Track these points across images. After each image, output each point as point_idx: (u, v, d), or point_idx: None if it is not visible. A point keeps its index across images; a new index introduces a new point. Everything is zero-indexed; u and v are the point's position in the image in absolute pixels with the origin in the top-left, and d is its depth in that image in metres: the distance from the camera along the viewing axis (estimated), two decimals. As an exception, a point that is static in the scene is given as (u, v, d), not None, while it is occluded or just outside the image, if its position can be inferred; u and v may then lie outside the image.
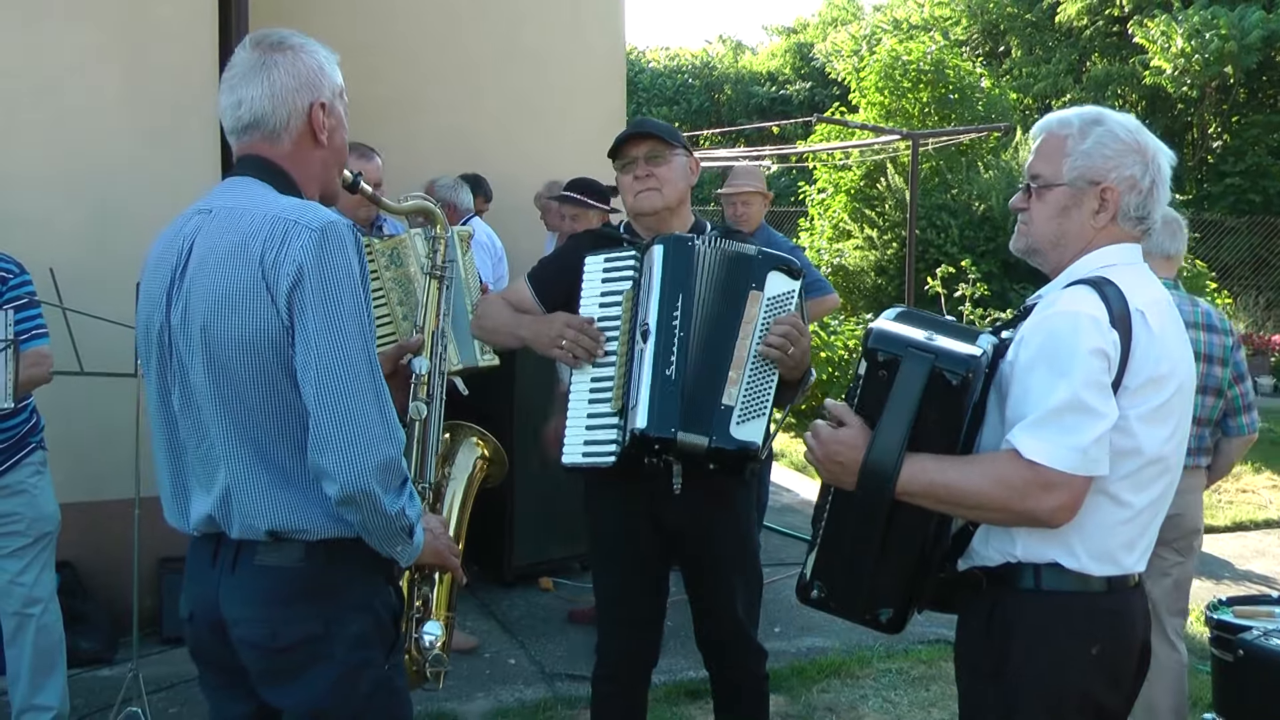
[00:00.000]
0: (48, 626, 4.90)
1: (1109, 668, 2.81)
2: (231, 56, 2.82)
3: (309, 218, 2.61)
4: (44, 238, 5.75)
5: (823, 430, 2.83)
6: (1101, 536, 2.74)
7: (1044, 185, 2.89)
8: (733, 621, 4.14)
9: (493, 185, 8.26)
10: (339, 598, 2.71)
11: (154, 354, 2.79)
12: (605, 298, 3.89)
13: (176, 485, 2.80)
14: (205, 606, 2.75)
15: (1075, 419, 2.60)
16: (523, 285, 4.22)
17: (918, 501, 2.73)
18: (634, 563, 4.10)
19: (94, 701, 5.44)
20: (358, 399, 2.56)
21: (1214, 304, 13.88)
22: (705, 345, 3.74)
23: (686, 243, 3.80)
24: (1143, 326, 2.70)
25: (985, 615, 2.84)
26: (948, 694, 5.68)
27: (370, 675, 2.74)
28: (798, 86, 34.37)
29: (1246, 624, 5.23)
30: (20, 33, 6.06)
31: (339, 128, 2.88)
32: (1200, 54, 22.78)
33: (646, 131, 4.08)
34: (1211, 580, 7.97)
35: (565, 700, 5.68)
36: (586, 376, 3.86)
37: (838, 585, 2.94)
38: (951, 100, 20.23)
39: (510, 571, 7.27)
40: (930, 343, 2.72)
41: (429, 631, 3.23)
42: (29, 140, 6.07)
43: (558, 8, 9.16)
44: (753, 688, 4.29)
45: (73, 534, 5.12)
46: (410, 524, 2.66)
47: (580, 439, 3.82)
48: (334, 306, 2.57)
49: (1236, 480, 11.06)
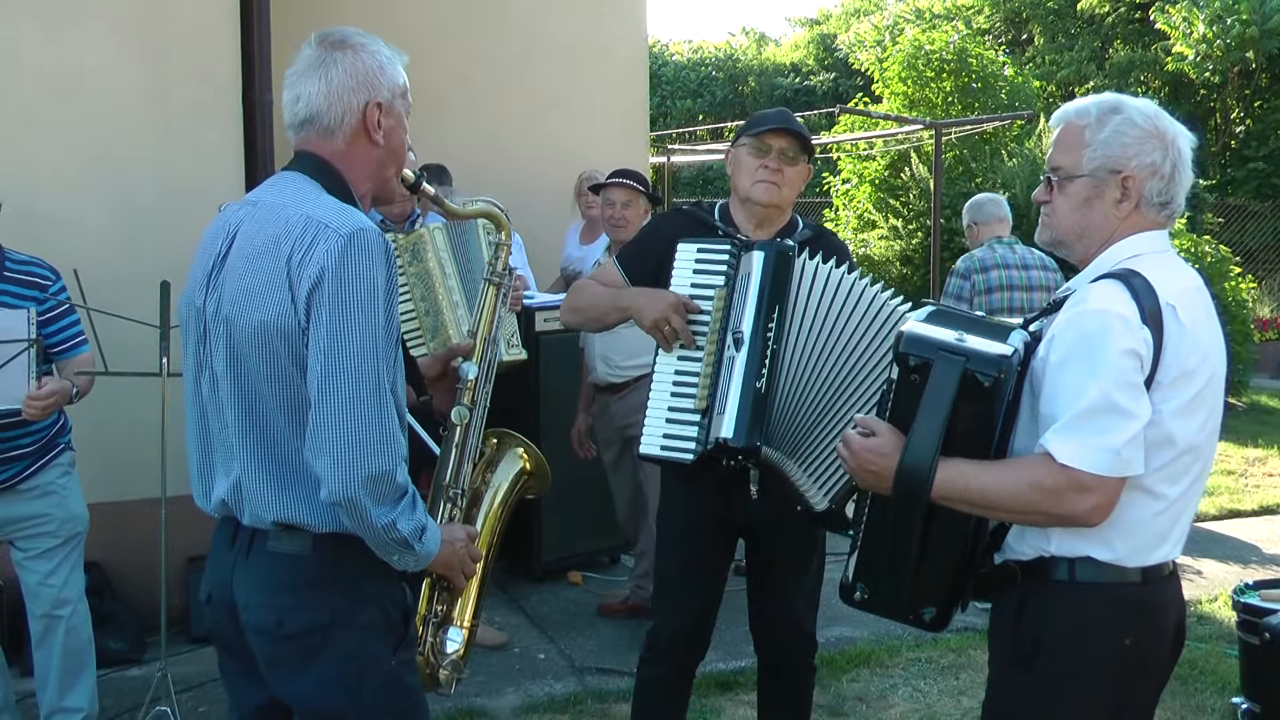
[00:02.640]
0: (76, 628, 4.84)
1: (1141, 658, 2.77)
2: (296, 53, 2.81)
3: (340, 222, 2.60)
4: (68, 238, 5.71)
5: (854, 440, 2.82)
6: (1137, 530, 2.70)
7: (1065, 177, 2.84)
8: (791, 613, 4.14)
9: (517, 179, 8.18)
10: (346, 589, 2.69)
11: (192, 334, 2.79)
12: (696, 289, 3.85)
13: (203, 465, 2.82)
14: (221, 589, 2.77)
15: (1107, 420, 2.55)
16: (612, 268, 4.21)
17: (953, 506, 2.70)
18: (700, 550, 4.08)
19: (123, 702, 5.38)
20: (358, 407, 2.52)
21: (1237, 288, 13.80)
22: (817, 374, 3.68)
23: (788, 254, 3.73)
24: (1174, 321, 2.64)
25: (1018, 606, 2.80)
26: (977, 682, 5.59)
27: (377, 671, 2.72)
28: (821, 78, 34.16)
29: (1273, 607, 5.16)
30: (45, 35, 6.01)
31: (397, 128, 2.85)
32: (1222, 39, 22.55)
33: (793, 129, 4.03)
34: (1239, 564, 7.87)
35: (595, 694, 5.60)
36: (671, 367, 3.84)
37: (880, 587, 2.92)
38: (975, 89, 20.05)
39: (539, 566, 7.18)
40: (961, 344, 2.69)
41: (451, 638, 3.15)
42: (53, 141, 6.03)
43: (580, 4, 9.08)
44: (801, 676, 4.26)
45: (99, 534, 5.06)
46: (402, 537, 2.60)
47: (659, 430, 3.80)
48: (347, 312, 2.54)
49: (1263, 465, 10.92)
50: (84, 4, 6.10)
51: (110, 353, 4.91)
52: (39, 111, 6.01)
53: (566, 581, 7.24)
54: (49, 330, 4.71)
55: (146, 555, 5.48)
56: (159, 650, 5.07)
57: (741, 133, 4.10)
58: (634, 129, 9.32)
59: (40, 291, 4.67)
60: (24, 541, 4.76)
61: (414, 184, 3.02)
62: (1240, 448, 11.52)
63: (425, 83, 8.14)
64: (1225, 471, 10.52)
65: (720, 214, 4.13)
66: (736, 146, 4.10)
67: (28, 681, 5.11)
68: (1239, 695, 5.32)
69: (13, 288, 4.62)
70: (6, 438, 4.59)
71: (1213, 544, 8.33)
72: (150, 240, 5.97)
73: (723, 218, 4.11)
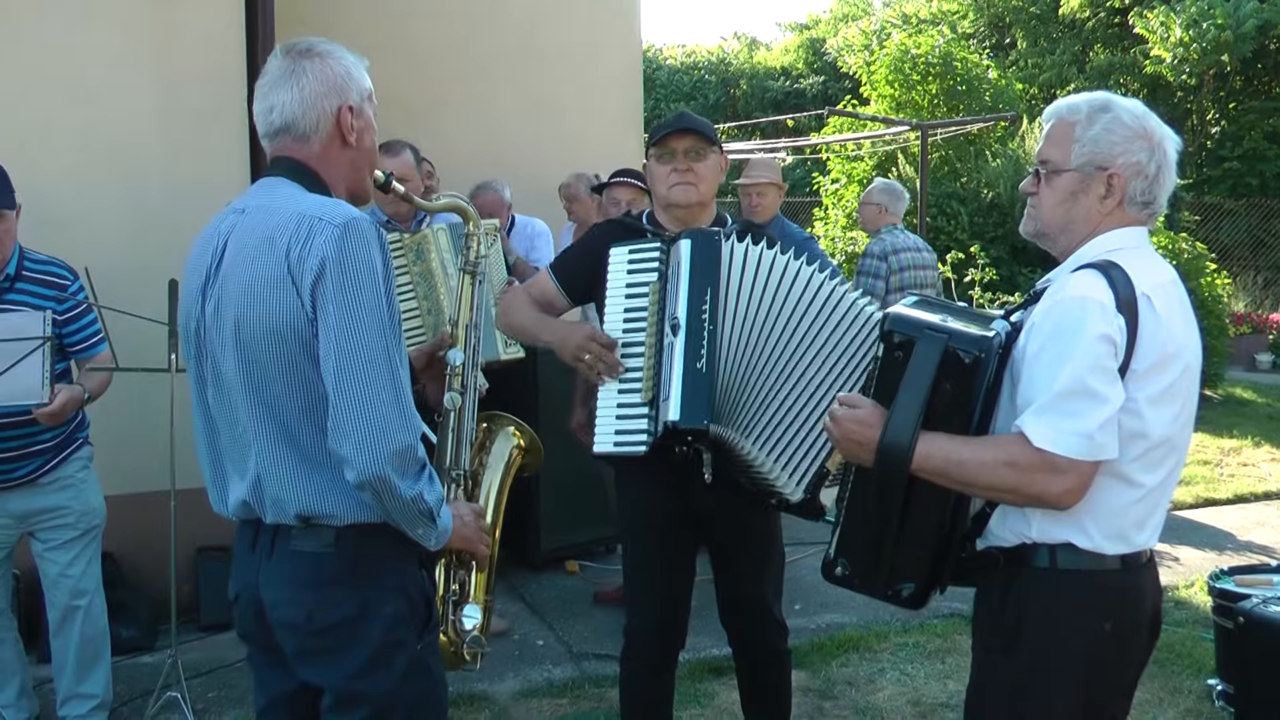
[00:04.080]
0: (94, 617, 4.89)
1: (1120, 643, 2.79)
2: (264, 65, 2.85)
3: (332, 214, 2.64)
4: (79, 237, 5.74)
5: (839, 411, 2.86)
6: (1114, 517, 2.72)
7: (1053, 170, 2.87)
8: (759, 602, 4.13)
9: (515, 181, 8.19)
10: (372, 580, 2.73)
11: (192, 348, 2.82)
12: (631, 289, 3.84)
13: (216, 473, 2.85)
14: (248, 589, 2.80)
15: (1081, 404, 2.58)
16: (545, 277, 4.16)
17: (933, 479, 2.73)
18: (663, 542, 4.06)
19: (135, 688, 5.43)
20: (375, 388, 2.56)
21: (1213, 284, 13.87)
22: (756, 347, 3.68)
23: (713, 238, 3.74)
24: (1149, 310, 2.66)
25: (1001, 593, 2.83)
26: (963, 666, 5.63)
27: (404, 655, 2.77)
28: (811, 80, 34.14)
29: (1246, 592, 5.22)
30: (58, 41, 6.07)
31: (367, 130, 2.90)
32: (1198, 43, 22.59)
33: (690, 127, 4.01)
34: (1214, 551, 7.94)
35: (593, 679, 5.65)
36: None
37: (860, 561, 2.94)
38: (959, 91, 20.08)
39: (538, 555, 7.24)
40: (945, 324, 2.73)
41: (468, 615, 3.20)
42: (65, 143, 6.08)
43: (575, 7, 9.10)
44: (777, 663, 4.27)
45: (113, 525, 5.08)
46: (429, 507, 2.67)
47: (611, 428, 3.77)
48: (353, 299, 2.58)
49: (1238, 455, 11.01)
50: (97, 14, 6.16)
51: (121, 350, 4.96)
52: (53, 114, 6.06)
53: (564, 570, 7.29)
54: (68, 330, 4.75)
55: (158, 546, 5.52)
56: (170, 638, 5.12)
57: (648, 145, 4.09)
58: (629, 131, 9.34)
59: (60, 291, 4.71)
60: (44, 533, 4.80)
61: (384, 183, 3.07)
62: (1215, 438, 11.60)
63: (424, 85, 8.30)
64: (1201, 461, 10.60)
65: (648, 220, 4.13)
66: (648, 159, 4.09)
67: (44, 668, 5.16)
68: (1214, 677, 5.37)
69: (33, 287, 4.65)
70: (28, 434, 4.62)
71: (1189, 531, 8.42)
72: (159, 240, 5.99)
73: (651, 223, 4.10)
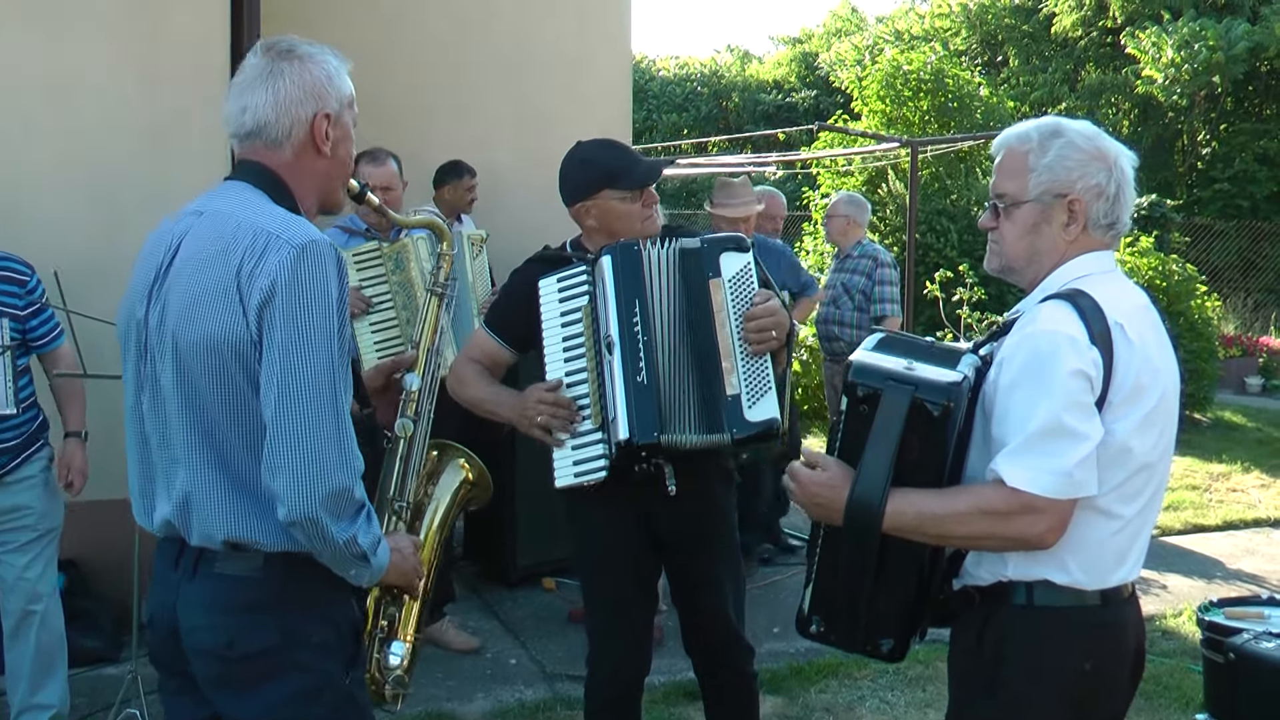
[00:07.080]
0: (50, 624, 4.81)
1: (1102, 681, 2.70)
2: (242, 60, 2.68)
3: (291, 233, 2.46)
4: (53, 240, 5.62)
5: (801, 473, 2.72)
6: (1093, 551, 2.62)
7: (1011, 203, 2.76)
8: (725, 626, 4.02)
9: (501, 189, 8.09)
10: (299, 609, 2.55)
11: (131, 349, 2.64)
12: (565, 317, 3.76)
13: (144, 484, 2.66)
14: (164, 610, 2.61)
15: (1057, 443, 2.48)
16: (483, 335, 4.04)
17: (906, 536, 2.60)
18: (627, 570, 3.94)
19: (97, 700, 5.27)
20: (315, 423, 2.38)
21: (1203, 306, 13.73)
22: (682, 345, 3.65)
23: (632, 248, 3.69)
24: (1123, 339, 2.58)
25: (978, 631, 2.72)
26: (944, 695, 5.42)
27: (331, 689, 2.58)
28: (803, 94, 34.16)
29: (1238, 626, 5.07)
30: (41, 42, 5.93)
31: (344, 139, 2.72)
32: (1189, 64, 22.64)
33: (657, 177, 4.04)
34: (1203, 579, 7.76)
35: (565, 701, 5.51)
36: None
37: (837, 618, 2.81)
38: (951, 108, 20.02)
39: (514, 572, 7.06)
40: (910, 373, 2.60)
41: (394, 653, 3.05)
42: (43, 143, 5.94)
43: (565, 17, 9.00)
44: (744, 686, 4.15)
45: (76, 533, 5.01)
46: (362, 551, 2.48)
47: (569, 459, 3.68)
48: (302, 326, 2.41)
49: (1227, 480, 10.83)
50: (79, 12, 6.02)
51: (88, 355, 4.87)
52: (32, 116, 5.93)
53: (540, 587, 7.12)
54: (31, 325, 4.74)
55: (122, 554, 5.38)
56: (132, 650, 4.96)
57: (605, 186, 3.85)
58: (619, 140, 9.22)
59: (20, 288, 4.71)
60: (3, 535, 4.75)
61: (359, 194, 2.92)
62: (1204, 463, 11.41)
63: (411, 92, 8.17)
64: (1189, 487, 10.43)
65: (572, 247, 4.03)
66: (606, 200, 3.86)
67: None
68: (1202, 712, 5.20)
69: None
70: None
71: (1177, 559, 8.24)
72: (134, 244, 5.72)
73: (575, 249, 3.99)
